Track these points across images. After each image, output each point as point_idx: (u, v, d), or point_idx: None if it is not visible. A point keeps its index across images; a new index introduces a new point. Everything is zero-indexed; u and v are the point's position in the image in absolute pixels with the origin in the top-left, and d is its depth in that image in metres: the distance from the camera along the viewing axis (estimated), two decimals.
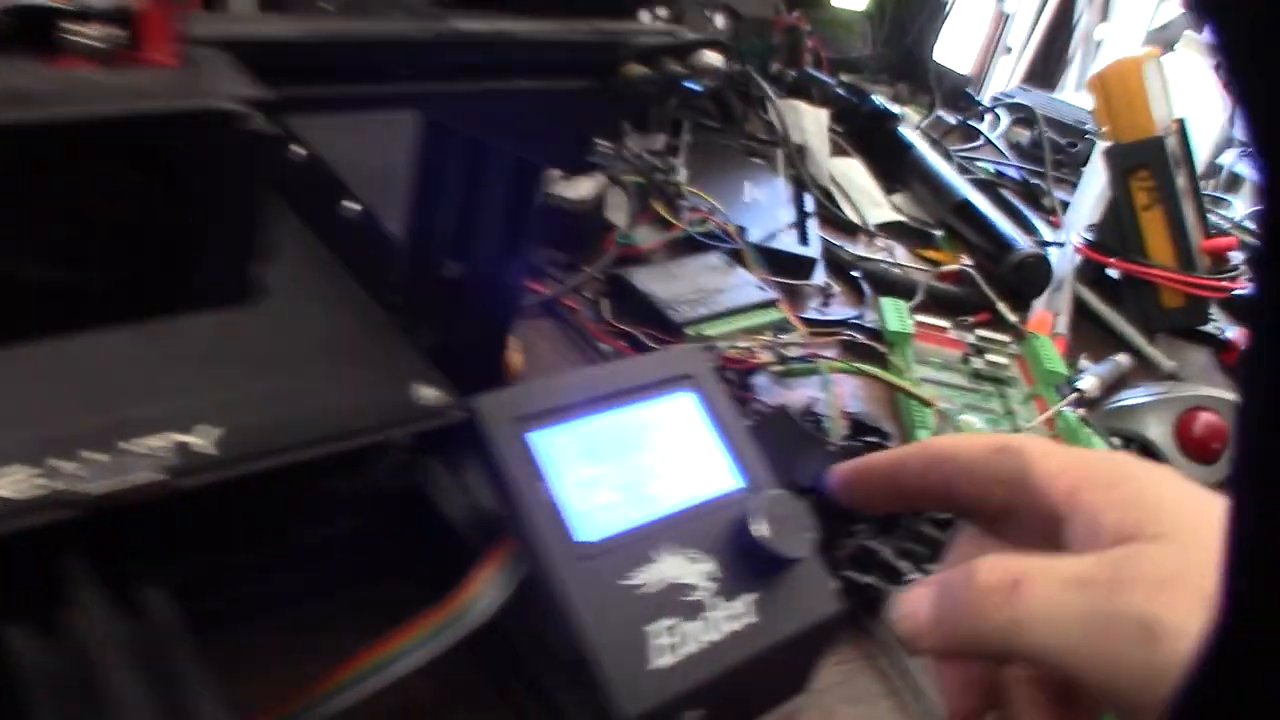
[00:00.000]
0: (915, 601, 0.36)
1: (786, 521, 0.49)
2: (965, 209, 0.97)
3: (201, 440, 0.41)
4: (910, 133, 1.07)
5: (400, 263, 0.50)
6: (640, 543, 0.47)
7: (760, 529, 0.48)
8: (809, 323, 0.82)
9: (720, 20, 0.89)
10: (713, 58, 0.45)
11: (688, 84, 0.45)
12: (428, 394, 0.46)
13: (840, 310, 0.87)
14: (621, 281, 0.78)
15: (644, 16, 0.45)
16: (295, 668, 0.46)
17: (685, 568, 0.47)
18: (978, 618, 0.34)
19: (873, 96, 1.12)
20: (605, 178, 0.86)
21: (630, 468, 0.49)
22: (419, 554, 0.48)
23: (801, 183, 0.93)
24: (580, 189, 0.82)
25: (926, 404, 0.71)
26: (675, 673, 0.45)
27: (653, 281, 0.78)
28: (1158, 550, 0.32)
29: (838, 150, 1.08)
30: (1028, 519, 0.38)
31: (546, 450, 0.48)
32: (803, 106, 1.06)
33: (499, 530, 0.47)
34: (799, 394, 0.75)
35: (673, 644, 0.45)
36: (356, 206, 0.51)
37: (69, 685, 0.37)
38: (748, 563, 0.49)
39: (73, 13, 0.28)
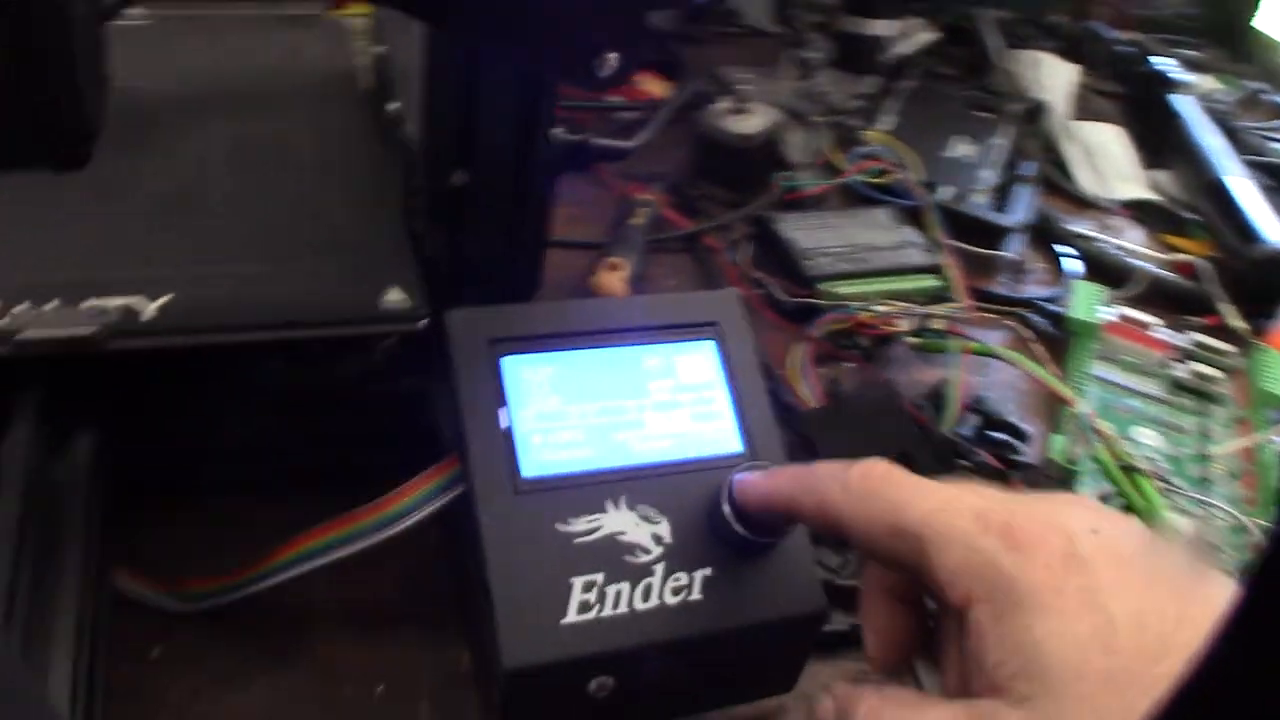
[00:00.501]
0: (823, 710, 0.37)
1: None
2: (1217, 189, 0.82)
3: (148, 306, 0.42)
4: (1189, 102, 0.92)
5: (416, 168, 0.48)
6: (592, 489, 0.44)
7: (731, 502, 0.43)
8: (979, 295, 0.73)
9: None
10: None
11: None
12: (393, 298, 0.44)
13: (1032, 290, 0.77)
14: (766, 225, 0.73)
15: None
16: (213, 555, 0.47)
17: (635, 526, 0.44)
18: None
19: (1152, 59, 0.97)
20: (781, 114, 0.80)
21: (609, 411, 0.46)
22: (375, 459, 0.48)
23: (1021, 145, 0.82)
24: (748, 124, 0.77)
25: (1064, 401, 0.61)
26: (585, 632, 0.41)
27: (800, 229, 0.72)
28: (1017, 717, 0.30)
29: (1098, 115, 0.95)
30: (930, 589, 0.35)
31: (517, 376, 0.45)
32: (1048, 60, 0.94)
33: (450, 447, 0.45)
34: (936, 373, 0.67)
35: (596, 602, 0.42)
36: (394, 105, 0.50)
37: None
38: (709, 537, 0.44)
39: None
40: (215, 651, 0.47)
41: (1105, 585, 0.31)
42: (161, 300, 0.42)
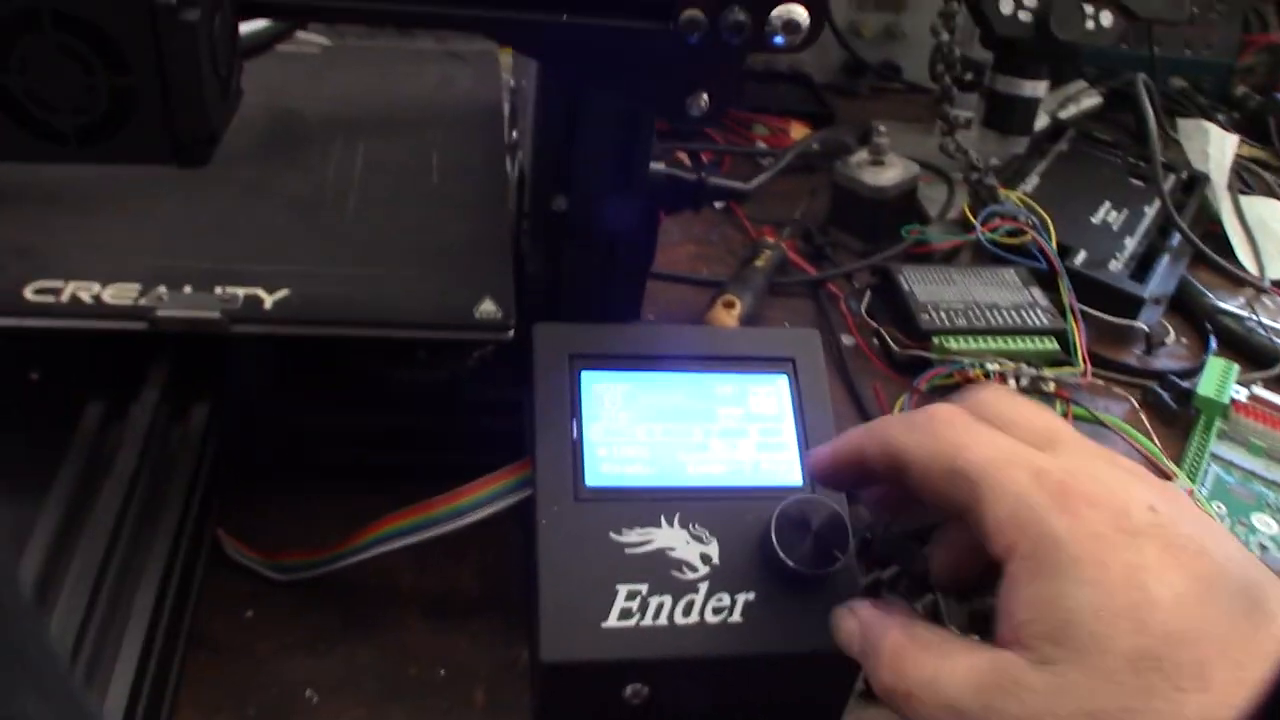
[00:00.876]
0: (847, 632, 0.40)
1: (820, 534, 0.45)
2: None
3: (267, 297, 0.47)
4: None
5: (522, 189, 0.52)
6: (649, 504, 0.46)
7: (780, 531, 0.45)
8: (1103, 364, 0.72)
9: (1108, 17, 0.79)
10: (796, 12, 0.42)
11: (775, 40, 0.43)
12: (487, 308, 0.48)
13: (1163, 363, 0.75)
14: (888, 275, 0.74)
15: None
16: (309, 531, 0.52)
17: (686, 544, 0.46)
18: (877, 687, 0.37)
19: None
20: (920, 168, 0.81)
21: (676, 432, 0.48)
22: (463, 456, 0.51)
23: (1172, 214, 0.80)
24: (885, 176, 0.78)
25: (1166, 476, 0.59)
26: (623, 638, 0.43)
27: (921, 282, 0.72)
28: (1036, 680, 0.31)
29: (1267, 190, 0.91)
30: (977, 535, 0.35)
31: (592, 391, 0.48)
32: (1212, 130, 0.91)
33: (524, 450, 0.48)
34: None
35: (638, 611, 0.44)
36: (514, 134, 0.54)
37: (99, 457, 0.45)
38: (757, 564, 0.45)
39: None
40: (301, 619, 0.51)
41: (1150, 564, 0.31)
42: (280, 293, 0.47)
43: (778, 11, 0.42)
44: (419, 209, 0.54)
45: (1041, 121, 0.92)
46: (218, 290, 0.47)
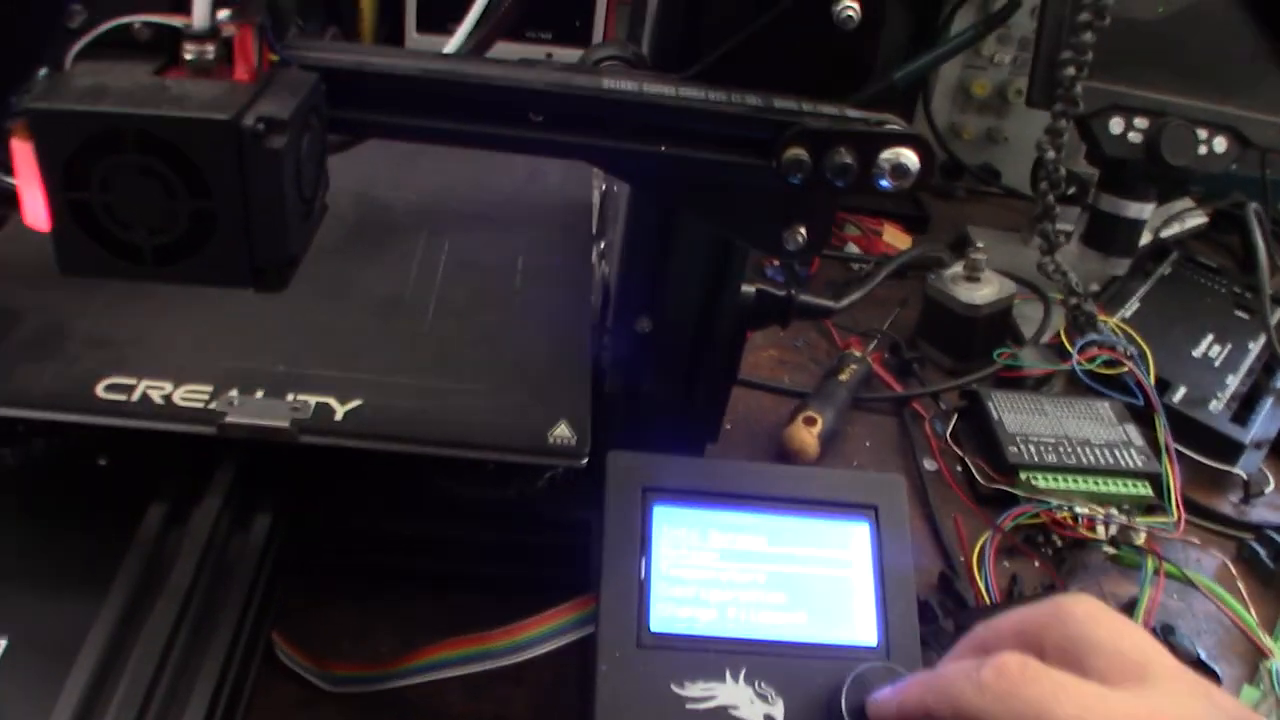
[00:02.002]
0: None
1: None
2: None
3: (339, 408, 0.46)
4: None
5: (604, 313, 0.51)
6: (715, 656, 0.44)
7: (851, 701, 0.42)
8: (1199, 512, 0.68)
9: (1221, 143, 0.76)
10: (906, 156, 0.40)
11: (880, 183, 0.41)
12: (561, 433, 0.46)
13: (1261, 514, 0.71)
14: (977, 399, 0.71)
15: None
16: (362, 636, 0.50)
17: (750, 702, 0.43)
18: None
19: None
20: (1016, 286, 0.78)
21: (748, 578, 0.46)
22: (530, 572, 0.50)
23: (1278, 351, 0.76)
24: (979, 293, 0.76)
25: (1264, 654, 0.55)
26: None
27: (1011, 410, 0.70)
28: None
29: None
30: None
31: (666, 527, 0.46)
32: None
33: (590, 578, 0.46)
34: (1131, 589, 0.62)
35: None
36: (602, 245, 0.53)
37: (157, 563, 0.44)
38: None
39: (194, 34, 0.34)
40: None
41: None
42: (352, 404, 0.46)
43: (886, 155, 0.41)
44: (499, 317, 0.53)
45: (1144, 239, 0.88)
46: (289, 397, 0.46)
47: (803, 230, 0.44)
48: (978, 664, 0.36)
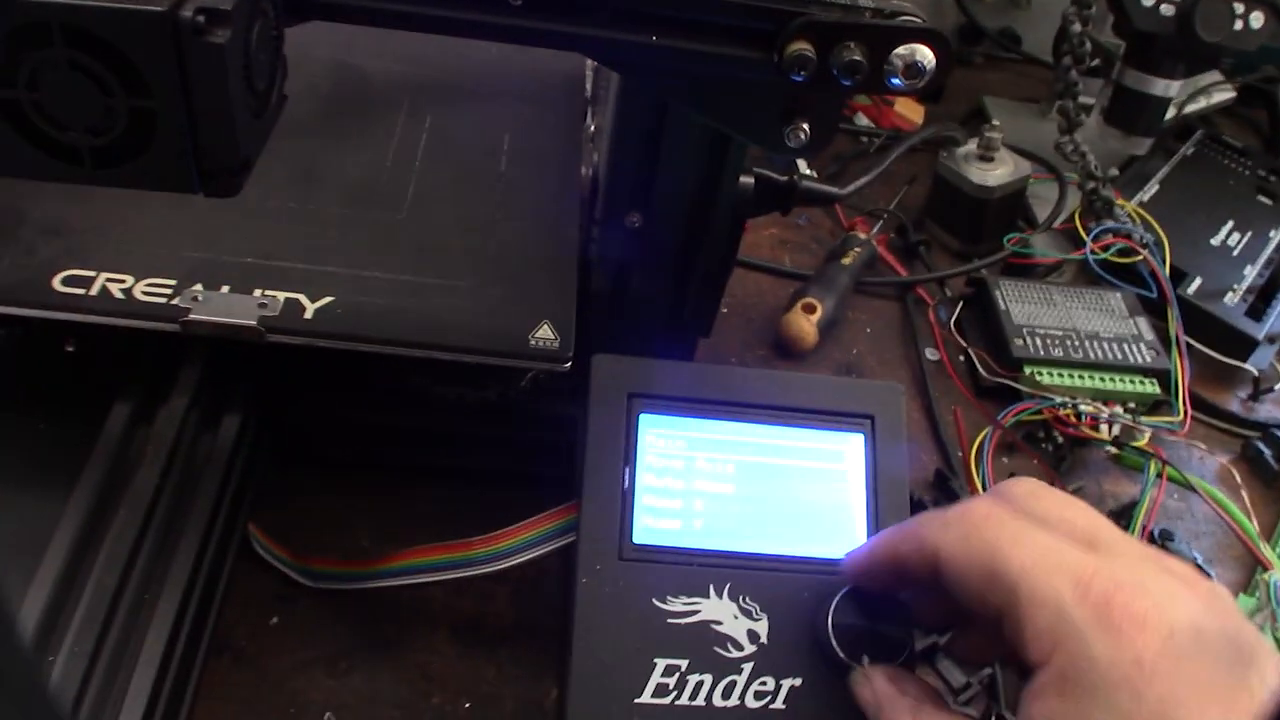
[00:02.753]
0: (863, 699, 0.39)
1: (878, 623, 0.41)
2: None
3: (309, 305, 0.43)
4: None
5: (592, 204, 0.48)
6: (699, 570, 0.43)
7: (836, 617, 0.41)
8: (1206, 409, 0.66)
9: (1258, 19, 0.71)
10: (921, 54, 0.36)
11: (892, 81, 0.37)
12: (543, 334, 0.44)
13: (1270, 412, 0.69)
14: (984, 287, 0.68)
15: None
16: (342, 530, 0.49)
17: (734, 618, 0.42)
18: None
19: None
20: (1032, 167, 0.74)
21: (737, 490, 0.44)
22: (513, 466, 0.48)
23: None
24: (993, 174, 0.72)
25: (1263, 565, 0.54)
26: (657, 717, 0.40)
27: (1019, 300, 0.67)
28: None
29: None
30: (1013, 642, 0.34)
31: (650, 436, 0.44)
32: None
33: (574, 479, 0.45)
34: (1132, 489, 0.61)
35: (675, 689, 0.41)
36: (592, 128, 0.49)
37: (120, 468, 0.43)
38: (806, 646, 0.42)
39: None
40: (327, 632, 0.48)
41: (1187, 698, 0.30)
42: (323, 301, 0.44)
43: (900, 51, 0.37)
44: (481, 205, 0.50)
45: (1167, 114, 0.84)
46: (257, 292, 0.44)
47: (806, 126, 0.40)
48: (948, 507, 0.37)
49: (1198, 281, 0.71)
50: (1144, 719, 0.30)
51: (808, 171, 0.58)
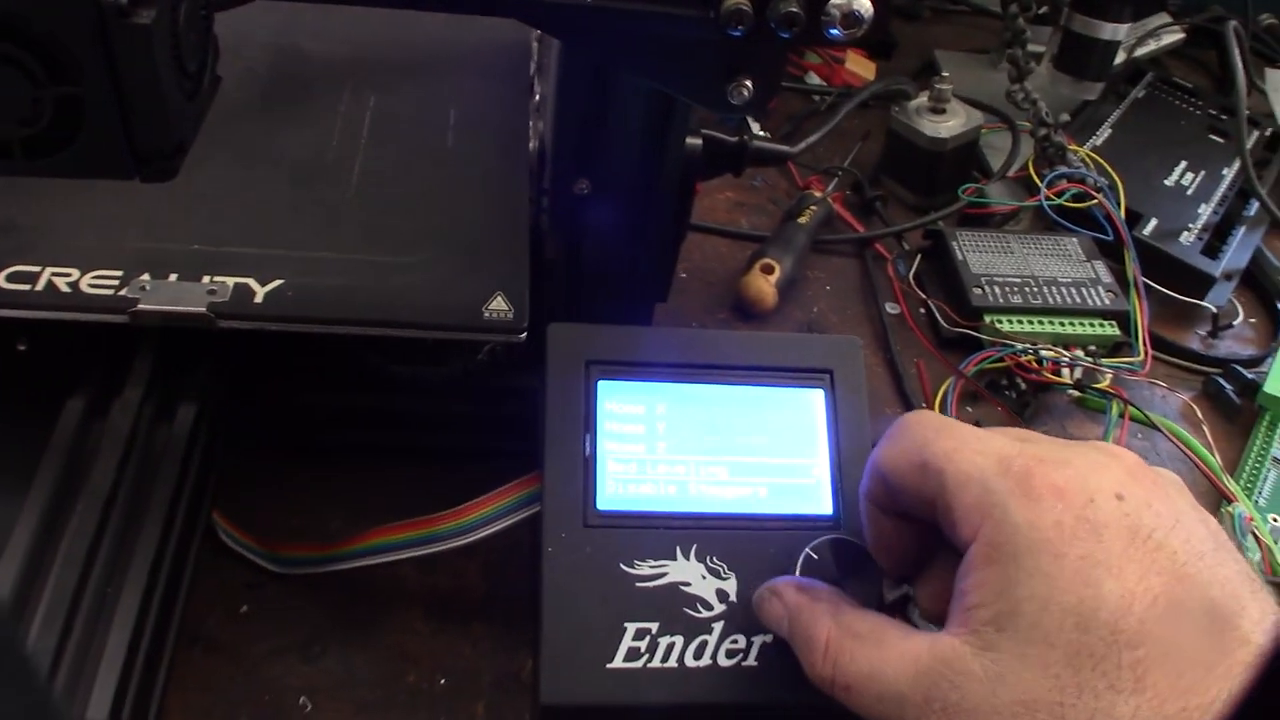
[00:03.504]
0: (773, 616, 0.39)
1: (845, 574, 0.42)
2: None
3: (259, 289, 0.43)
4: None
5: (541, 173, 0.47)
6: (664, 533, 0.43)
7: (803, 572, 0.41)
8: (1167, 349, 0.67)
9: None
10: (859, 3, 0.36)
11: (830, 32, 0.37)
12: (497, 306, 0.44)
13: (1230, 348, 0.70)
14: (941, 239, 0.68)
15: None
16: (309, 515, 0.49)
17: (702, 578, 0.42)
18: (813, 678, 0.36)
19: None
20: (983, 117, 0.74)
21: (699, 452, 0.44)
22: (478, 441, 0.48)
23: (1254, 181, 0.74)
24: (944, 126, 0.72)
25: (1227, 498, 0.55)
26: (629, 681, 0.40)
27: (976, 250, 0.67)
28: (975, 666, 0.31)
29: None
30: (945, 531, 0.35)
31: (609, 403, 0.44)
32: None
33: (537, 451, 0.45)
34: (1095, 432, 0.62)
35: (646, 651, 0.41)
36: (538, 97, 0.49)
37: (76, 464, 0.42)
38: None
39: None
40: (298, 617, 0.48)
41: (1108, 559, 0.31)
42: (272, 284, 0.43)
43: (836, 1, 0.37)
44: (429, 181, 0.49)
45: (1117, 58, 0.84)
46: (205, 279, 0.43)
47: (748, 83, 0.40)
48: None
49: (1153, 222, 0.72)
50: (1066, 578, 0.30)
51: (759, 132, 0.58)
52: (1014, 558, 0.31)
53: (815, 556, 0.41)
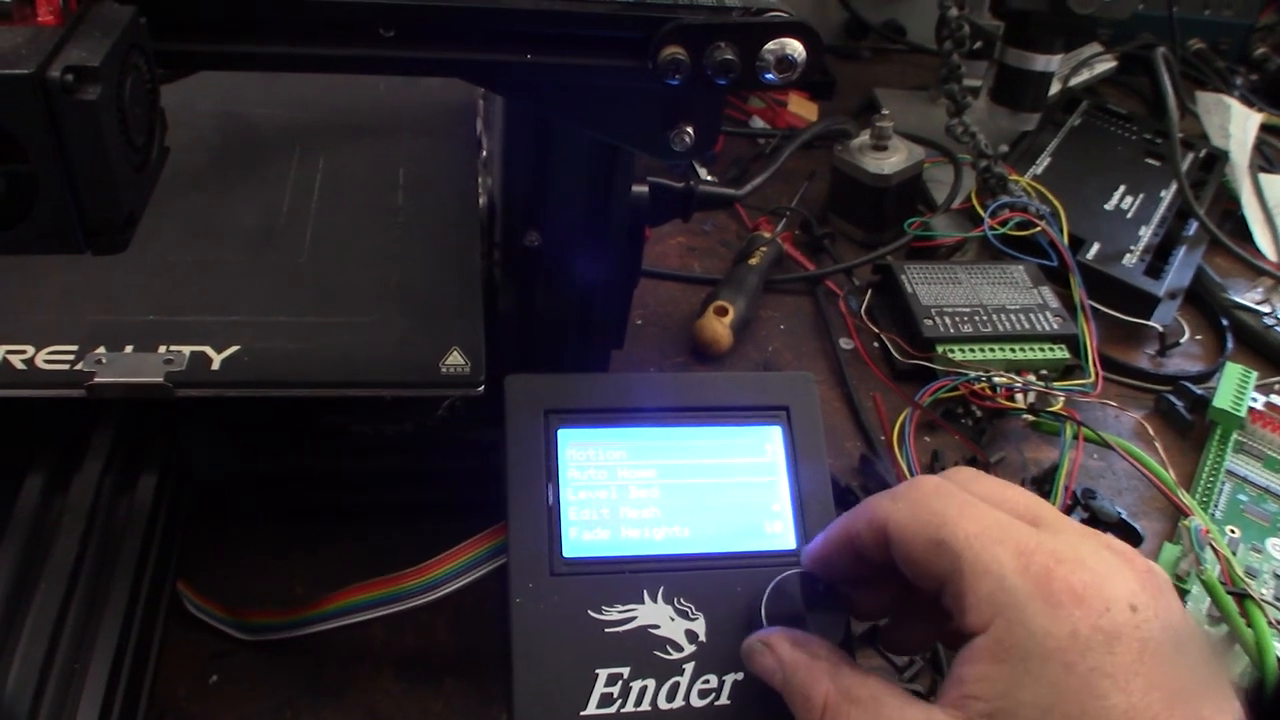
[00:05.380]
0: (764, 669, 0.39)
1: (812, 610, 0.42)
2: None
3: (215, 356, 0.43)
4: None
5: (491, 227, 0.48)
6: (631, 577, 0.43)
7: (769, 607, 0.42)
8: (1117, 369, 0.68)
9: None
10: (791, 47, 0.37)
11: (766, 76, 0.38)
12: (454, 361, 0.44)
13: (1178, 365, 0.71)
14: (890, 273, 0.70)
15: None
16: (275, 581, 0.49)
17: (670, 620, 0.42)
18: None
19: None
20: (925, 152, 0.76)
21: (662, 494, 0.45)
22: (442, 497, 0.48)
23: (1190, 203, 0.76)
24: (887, 163, 0.74)
25: (1183, 512, 0.56)
26: None
27: (924, 282, 0.69)
28: None
29: None
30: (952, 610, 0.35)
31: (570, 451, 0.44)
32: (1234, 106, 0.86)
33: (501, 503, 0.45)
34: (1054, 454, 0.63)
35: (619, 697, 0.41)
36: (485, 153, 0.50)
37: (38, 540, 0.42)
38: (744, 639, 0.42)
39: None
40: (269, 683, 0.48)
41: (1116, 671, 0.31)
42: (229, 350, 0.43)
43: (770, 47, 0.38)
44: (381, 240, 0.50)
45: (1052, 88, 0.87)
46: (161, 349, 0.43)
47: (689, 130, 0.41)
48: (896, 486, 0.38)
49: (1096, 246, 0.73)
50: (1073, 690, 0.30)
51: (706, 176, 0.59)
52: (1023, 662, 0.31)
53: (781, 592, 0.42)
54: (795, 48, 0.38)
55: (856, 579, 0.41)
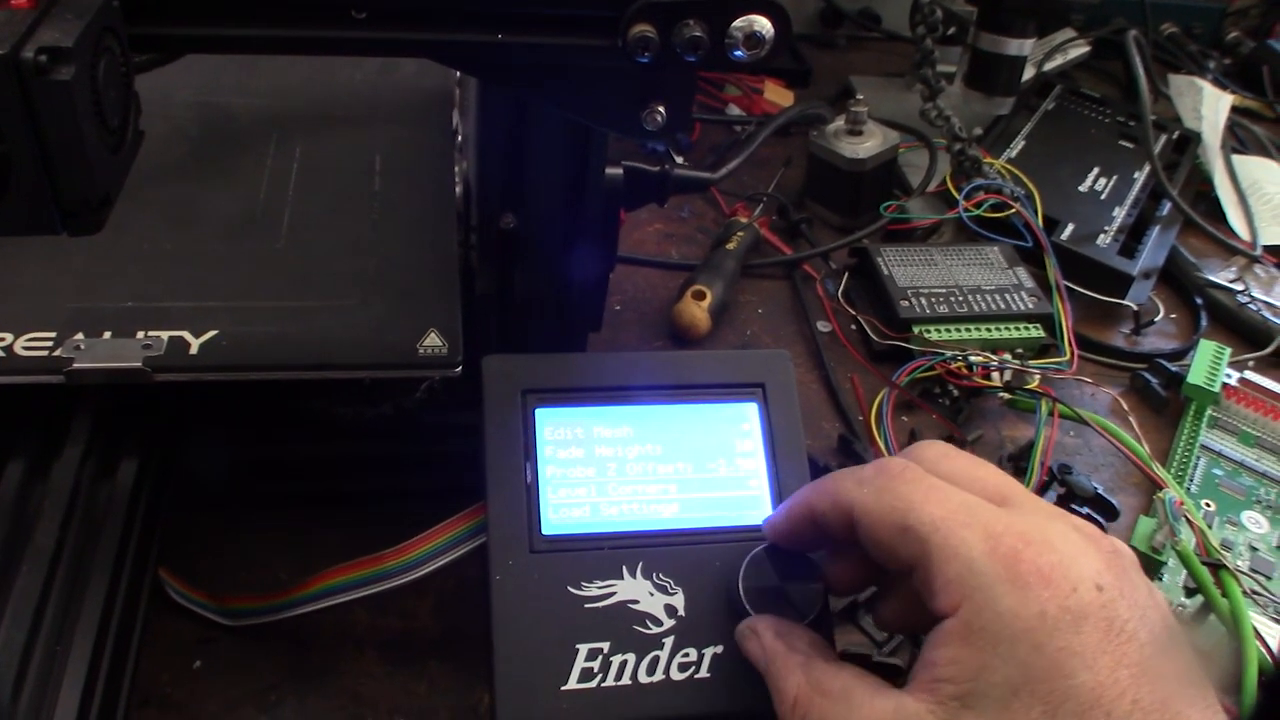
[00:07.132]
0: (751, 653, 0.40)
1: (788, 582, 0.42)
2: None
3: (194, 341, 0.43)
4: None
5: (468, 211, 0.48)
6: (610, 553, 0.43)
7: (746, 581, 0.42)
8: (1092, 348, 0.69)
9: None
10: (759, 24, 0.38)
11: (735, 54, 0.39)
12: (431, 343, 0.44)
13: (1153, 344, 0.72)
14: (866, 256, 0.70)
15: None
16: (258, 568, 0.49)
17: (649, 595, 0.43)
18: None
19: None
20: (900, 136, 0.77)
21: (639, 472, 0.45)
22: (421, 482, 0.48)
23: (1164, 183, 0.76)
24: (862, 147, 0.74)
25: (1158, 485, 0.57)
26: (584, 701, 0.41)
27: (900, 264, 0.69)
28: None
29: (1262, 149, 0.87)
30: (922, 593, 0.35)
31: (548, 430, 0.45)
32: (1206, 88, 0.87)
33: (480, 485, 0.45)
34: (1030, 431, 0.63)
35: (600, 671, 0.41)
36: (460, 138, 0.50)
37: (19, 526, 0.42)
38: (725, 614, 0.43)
39: None
40: (252, 668, 0.48)
41: (1084, 651, 0.31)
42: (207, 335, 0.44)
43: (738, 24, 0.38)
44: (358, 225, 0.50)
45: (1026, 73, 0.87)
46: (140, 335, 0.43)
47: (661, 109, 0.41)
48: (862, 465, 0.38)
49: (1070, 227, 0.74)
50: (1042, 669, 0.31)
51: (680, 160, 0.60)
52: (993, 644, 0.32)
53: (757, 566, 0.42)
54: (763, 24, 0.38)
55: (824, 550, 0.41)
